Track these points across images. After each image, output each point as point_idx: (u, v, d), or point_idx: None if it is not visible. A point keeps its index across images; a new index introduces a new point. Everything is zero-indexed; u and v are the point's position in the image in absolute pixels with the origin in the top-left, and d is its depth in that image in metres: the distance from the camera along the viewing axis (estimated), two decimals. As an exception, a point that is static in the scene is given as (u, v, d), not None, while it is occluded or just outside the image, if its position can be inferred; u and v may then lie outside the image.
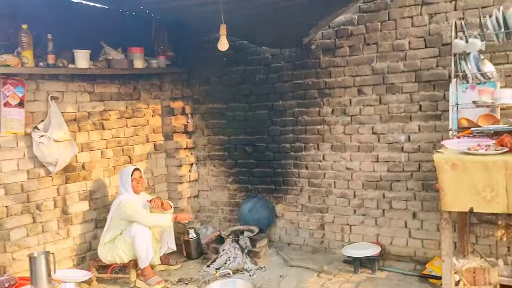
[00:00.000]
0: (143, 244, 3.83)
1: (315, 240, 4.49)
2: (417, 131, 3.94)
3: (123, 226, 3.92)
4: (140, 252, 3.83)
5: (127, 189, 4.02)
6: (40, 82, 3.79)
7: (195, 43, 4.85)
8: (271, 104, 4.61)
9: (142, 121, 4.74)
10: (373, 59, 4.05)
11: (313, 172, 4.44)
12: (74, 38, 3.87)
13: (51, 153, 3.70)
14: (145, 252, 3.84)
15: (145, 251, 3.84)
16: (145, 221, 3.88)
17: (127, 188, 4.02)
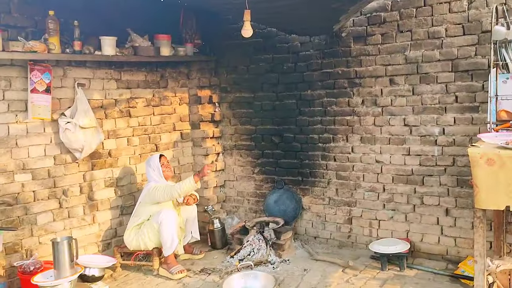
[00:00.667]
0: (170, 231, 3.81)
1: (342, 234, 4.36)
2: (453, 123, 3.73)
3: (152, 211, 3.92)
4: (166, 239, 3.82)
5: (157, 175, 4.02)
6: (67, 69, 3.82)
7: (223, 30, 4.78)
8: (299, 94, 4.49)
9: (169, 109, 4.72)
10: (406, 47, 3.86)
11: (341, 165, 4.31)
12: (100, 25, 3.88)
13: (77, 139, 3.73)
14: (171, 240, 3.82)
15: (171, 239, 3.82)
16: (176, 192, 3.88)
17: (157, 175, 4.02)
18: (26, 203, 3.60)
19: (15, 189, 3.54)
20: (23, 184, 3.58)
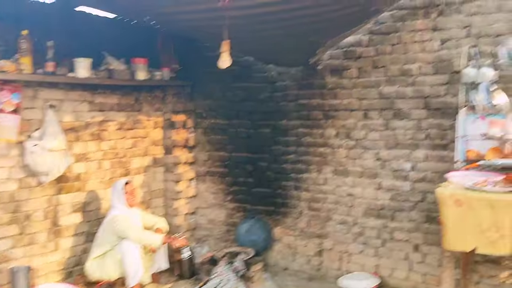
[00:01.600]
0: (133, 262, 3.70)
1: (312, 267, 4.32)
2: (424, 160, 3.78)
3: (114, 241, 3.80)
4: (129, 269, 3.70)
5: (120, 202, 3.90)
6: (38, 90, 3.72)
7: (200, 56, 4.77)
8: (274, 123, 4.49)
9: (142, 133, 4.65)
10: (381, 83, 3.93)
11: (313, 196, 4.30)
12: (76, 46, 3.81)
13: (44, 162, 3.61)
14: (134, 270, 3.70)
15: (135, 269, 3.70)
16: (137, 237, 3.75)
17: (120, 202, 3.90)
18: (-15, 228, 3.44)
19: (-26, 213, 3.39)
20: (-17, 208, 3.44)
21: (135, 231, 3.76)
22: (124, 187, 3.94)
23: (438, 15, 3.64)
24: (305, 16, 3.04)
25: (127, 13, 4.02)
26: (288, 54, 4.01)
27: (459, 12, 3.57)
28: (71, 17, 3.85)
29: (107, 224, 3.84)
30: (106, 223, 3.87)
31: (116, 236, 3.80)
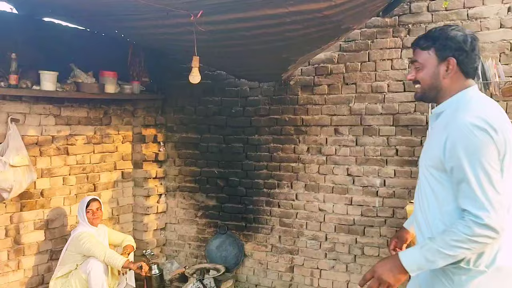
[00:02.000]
0: (98, 281, 3.57)
1: (284, 283, 4.29)
2: (393, 175, 3.83)
3: (78, 260, 3.67)
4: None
5: (83, 220, 3.78)
6: (0, 103, 3.58)
7: (171, 70, 4.73)
8: (246, 138, 4.47)
9: (111, 148, 4.54)
10: (351, 99, 3.97)
11: (285, 211, 4.28)
12: (41, 58, 3.70)
13: (6, 178, 3.46)
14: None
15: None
16: (102, 254, 3.62)
17: (82, 220, 3.78)
18: None
19: None
20: None
21: (100, 250, 3.64)
22: (88, 205, 3.81)
23: (406, 34, 3.72)
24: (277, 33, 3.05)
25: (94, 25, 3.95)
26: (260, 69, 4.01)
27: (427, 32, 3.65)
28: (37, 28, 3.74)
29: (72, 242, 3.71)
30: (70, 241, 3.74)
31: (81, 254, 3.67)
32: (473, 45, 1.76)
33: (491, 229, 1.57)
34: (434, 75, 1.79)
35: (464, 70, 1.77)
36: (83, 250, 3.64)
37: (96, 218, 3.82)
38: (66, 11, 3.50)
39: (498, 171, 1.61)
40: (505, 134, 1.64)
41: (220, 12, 2.75)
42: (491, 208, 1.57)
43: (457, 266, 1.67)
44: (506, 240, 1.65)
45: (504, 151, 1.63)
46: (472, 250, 1.60)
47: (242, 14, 2.77)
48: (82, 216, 3.78)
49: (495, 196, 1.58)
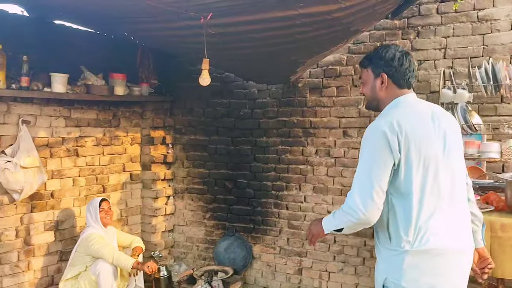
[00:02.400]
0: (108, 282, 3.59)
1: (292, 285, 4.28)
2: (402, 178, 3.81)
3: (88, 261, 3.69)
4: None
5: (94, 221, 3.80)
6: (11, 105, 3.61)
7: (180, 72, 4.75)
8: (254, 140, 4.47)
9: (120, 149, 4.56)
10: (360, 101, 3.96)
11: (293, 214, 4.28)
12: (52, 60, 3.73)
13: (17, 180, 3.49)
14: (110, 291, 3.60)
15: (110, 290, 3.60)
16: (111, 256, 3.64)
17: (94, 220, 3.80)
18: (-47, 248, 3.29)
19: None
20: (-49, 227, 3.29)
21: (109, 252, 3.66)
22: (100, 205, 3.84)
23: (415, 36, 3.72)
24: (287, 35, 3.06)
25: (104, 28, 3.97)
26: (269, 71, 4.01)
27: (436, 34, 3.65)
28: (48, 31, 3.77)
29: (81, 243, 3.73)
30: (80, 242, 3.76)
31: (90, 256, 3.69)
32: (401, 61, 2.06)
33: (353, 210, 1.94)
34: (373, 89, 2.13)
35: (396, 82, 2.08)
36: (92, 252, 3.65)
37: (108, 218, 3.86)
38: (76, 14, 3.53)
39: (385, 170, 1.91)
40: (411, 132, 1.93)
41: (230, 14, 2.76)
42: (359, 199, 1.92)
43: (386, 247, 2.01)
44: (431, 227, 1.91)
45: (408, 147, 1.91)
46: (345, 220, 1.99)
47: (252, 16, 2.78)
48: (95, 216, 3.79)
49: (369, 190, 1.91)
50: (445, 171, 1.98)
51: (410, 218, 1.92)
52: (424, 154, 1.94)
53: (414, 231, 1.92)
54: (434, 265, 1.92)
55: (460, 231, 2.00)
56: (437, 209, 1.94)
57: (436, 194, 1.94)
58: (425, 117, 2.02)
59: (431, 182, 1.94)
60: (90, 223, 3.81)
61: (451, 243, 1.94)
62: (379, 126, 1.96)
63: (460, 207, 2.03)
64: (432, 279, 1.93)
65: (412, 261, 1.92)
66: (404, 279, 1.93)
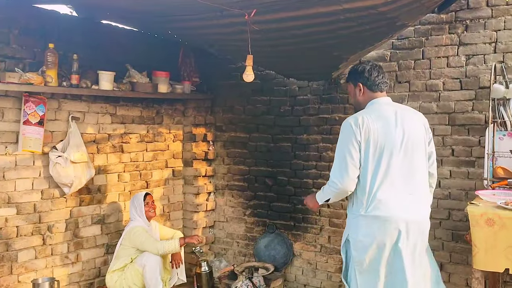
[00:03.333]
0: (154, 275, 3.68)
1: (333, 283, 4.24)
2: (448, 176, 3.71)
3: (133, 254, 3.79)
4: (150, 282, 3.68)
5: (139, 214, 3.90)
6: (62, 102, 3.76)
7: (221, 70, 4.79)
8: (295, 137, 4.46)
9: (162, 146, 4.66)
10: (404, 97, 3.88)
11: (334, 211, 4.24)
12: (99, 59, 3.86)
13: (67, 174, 3.63)
14: (155, 283, 3.68)
15: (155, 282, 3.68)
16: (154, 248, 3.73)
17: (139, 214, 3.90)
18: (8, 238, 3.45)
19: (-3, 224, 3.41)
20: (7, 218, 3.45)
21: (152, 244, 3.75)
22: (144, 199, 3.94)
23: (464, 30, 3.60)
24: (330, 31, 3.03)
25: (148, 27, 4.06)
26: (311, 68, 3.99)
27: (486, 27, 3.52)
28: (95, 30, 3.90)
29: (126, 236, 3.84)
30: (124, 235, 3.87)
31: (135, 248, 3.79)
32: (371, 71, 2.74)
33: (334, 182, 2.62)
34: (355, 96, 2.82)
35: (369, 88, 2.74)
36: (137, 244, 3.75)
37: (152, 212, 3.97)
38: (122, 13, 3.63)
39: (352, 151, 2.55)
40: (372, 125, 2.56)
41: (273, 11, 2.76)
42: (338, 174, 2.59)
43: (349, 211, 2.70)
44: (376, 199, 2.53)
45: (368, 137, 2.55)
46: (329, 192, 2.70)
47: (294, 12, 2.77)
48: (140, 209, 3.90)
49: (343, 167, 2.57)
50: (401, 158, 2.56)
51: (365, 191, 2.55)
52: (381, 143, 2.55)
53: (367, 201, 2.55)
54: (383, 229, 2.52)
55: (411, 207, 2.56)
56: (389, 188, 2.53)
57: (389, 177, 2.53)
58: (388, 115, 2.63)
59: (385, 166, 2.54)
60: (134, 217, 3.92)
61: (399, 213, 2.52)
62: (348, 120, 2.64)
63: (417, 188, 2.60)
64: (381, 232, 2.52)
65: (365, 223, 2.56)
66: (360, 233, 2.57)
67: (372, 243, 2.53)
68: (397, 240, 2.52)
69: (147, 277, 3.65)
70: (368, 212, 2.54)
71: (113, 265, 3.81)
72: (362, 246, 2.56)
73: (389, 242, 2.53)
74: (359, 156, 2.55)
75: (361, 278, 2.59)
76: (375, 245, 2.53)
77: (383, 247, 2.53)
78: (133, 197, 4.04)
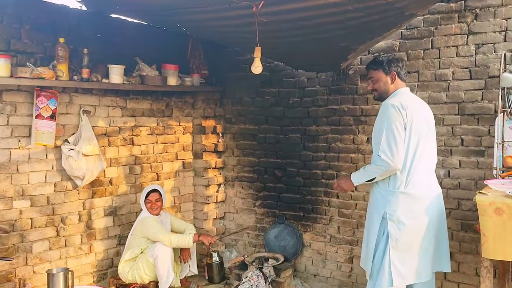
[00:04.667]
0: (165, 265, 3.74)
1: (343, 273, 4.27)
2: (458, 166, 3.70)
3: (143, 244, 3.85)
4: (162, 273, 3.74)
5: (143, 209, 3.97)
6: (73, 96, 3.81)
7: (230, 62, 4.81)
8: (304, 129, 4.47)
9: (173, 138, 4.70)
10: (413, 87, 3.86)
11: (344, 202, 4.26)
12: (109, 53, 3.90)
13: (79, 166, 3.69)
14: (167, 274, 3.75)
15: (167, 273, 3.75)
16: (167, 240, 3.78)
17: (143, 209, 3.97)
18: (23, 230, 3.53)
19: (12, 216, 3.48)
20: (21, 210, 3.52)
21: (165, 235, 3.80)
22: (147, 196, 3.98)
23: (473, 18, 3.57)
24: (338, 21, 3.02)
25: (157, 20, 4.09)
26: (319, 59, 3.98)
27: (495, 16, 3.49)
28: (105, 24, 3.94)
29: (137, 227, 3.90)
30: (136, 225, 3.93)
31: (146, 238, 3.84)
32: (402, 62, 3.05)
33: (385, 162, 2.79)
34: (385, 84, 3.00)
35: (400, 78, 3.01)
36: (149, 234, 3.81)
37: (155, 210, 3.99)
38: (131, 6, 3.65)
39: (401, 132, 2.78)
40: (411, 111, 2.82)
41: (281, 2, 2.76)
42: (389, 153, 2.78)
43: (385, 189, 2.89)
44: (413, 178, 2.83)
45: (411, 121, 2.80)
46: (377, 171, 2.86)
47: (302, 3, 2.76)
48: (142, 205, 3.97)
49: (394, 147, 2.77)
50: (427, 144, 2.88)
51: (405, 170, 2.81)
52: (418, 129, 2.82)
53: (407, 179, 2.81)
54: (418, 202, 2.82)
55: (433, 182, 2.97)
56: (421, 167, 2.85)
57: (422, 157, 2.84)
58: (416, 104, 2.93)
59: (421, 148, 2.84)
60: (144, 209, 3.97)
61: (428, 189, 2.88)
62: (393, 104, 2.83)
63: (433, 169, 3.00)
64: (418, 211, 2.82)
65: (404, 198, 2.81)
66: (399, 210, 2.79)
67: (412, 218, 2.78)
68: (428, 213, 2.82)
69: (159, 267, 3.72)
70: (407, 189, 2.81)
71: (125, 255, 3.88)
72: (402, 222, 2.78)
73: (423, 215, 2.81)
74: (404, 138, 2.79)
75: (396, 255, 2.79)
76: (414, 221, 2.78)
77: (420, 222, 2.80)
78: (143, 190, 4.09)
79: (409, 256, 2.80)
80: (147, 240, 3.86)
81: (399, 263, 2.79)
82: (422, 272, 2.85)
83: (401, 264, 2.79)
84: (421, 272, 2.85)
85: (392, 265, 2.78)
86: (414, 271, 2.82)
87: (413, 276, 2.83)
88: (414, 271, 2.82)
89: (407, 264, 2.80)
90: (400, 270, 2.79)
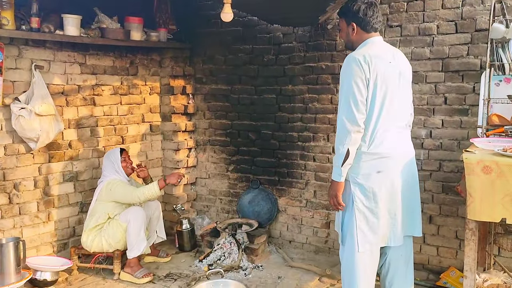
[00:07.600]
0: (138, 231, 3.49)
1: (319, 239, 4.12)
2: (440, 126, 3.53)
3: (110, 209, 3.57)
4: (134, 239, 3.49)
5: (117, 170, 3.66)
6: (23, 49, 3.42)
7: (200, 16, 4.46)
8: (279, 88, 4.21)
9: (138, 99, 4.37)
10: (395, 43, 3.63)
11: (321, 165, 4.06)
12: (64, 2, 3.50)
13: (32, 127, 3.35)
14: (137, 240, 3.50)
15: (138, 239, 3.50)
16: (135, 197, 3.53)
17: (117, 169, 3.66)
18: (-30, 197, 3.21)
19: (-44, 182, 3.15)
20: (-33, 176, 3.19)
21: (132, 192, 3.54)
22: (121, 154, 3.70)
23: (461, -34, 3.32)
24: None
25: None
26: (295, 11, 3.69)
27: (484, -36, 3.25)
28: (58, -31, 3.53)
29: (102, 191, 3.60)
30: (101, 190, 3.63)
31: (114, 202, 3.57)
32: (365, 11, 2.59)
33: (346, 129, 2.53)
34: (347, 35, 2.71)
35: (363, 29, 2.64)
36: (117, 196, 3.53)
37: (131, 167, 3.77)
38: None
39: (362, 89, 2.49)
40: (378, 64, 2.50)
41: None
42: (347, 114, 2.51)
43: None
44: (383, 137, 2.56)
45: (375, 75, 2.49)
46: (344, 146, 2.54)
47: None
48: (117, 165, 3.66)
49: (353, 106, 2.49)
50: (397, 99, 2.58)
51: (368, 129, 2.54)
52: (385, 82, 2.52)
53: (370, 138, 2.55)
54: (383, 164, 2.57)
55: (403, 142, 2.68)
56: (388, 126, 2.57)
57: (389, 114, 2.56)
58: (387, 54, 2.60)
59: (388, 105, 2.55)
60: (109, 173, 3.67)
61: (396, 150, 2.60)
62: (354, 56, 2.52)
63: (404, 127, 2.69)
64: (383, 172, 2.57)
65: (367, 159, 2.56)
66: (361, 172, 2.57)
67: (375, 181, 2.56)
68: (395, 175, 2.59)
69: (131, 233, 3.47)
70: (370, 149, 2.56)
71: (89, 223, 3.59)
72: (363, 184, 2.57)
73: (389, 177, 2.58)
74: (367, 94, 2.51)
75: (361, 218, 2.58)
76: (377, 184, 2.56)
77: (384, 185, 2.57)
78: (108, 153, 3.79)
79: (375, 220, 2.60)
80: (115, 204, 3.57)
81: (365, 227, 2.59)
82: (392, 237, 2.66)
83: (367, 227, 2.59)
84: (390, 237, 2.66)
85: (358, 229, 2.58)
86: (381, 235, 2.63)
87: (381, 240, 2.64)
88: (381, 235, 2.63)
89: (374, 228, 2.60)
90: (367, 234, 2.60)
